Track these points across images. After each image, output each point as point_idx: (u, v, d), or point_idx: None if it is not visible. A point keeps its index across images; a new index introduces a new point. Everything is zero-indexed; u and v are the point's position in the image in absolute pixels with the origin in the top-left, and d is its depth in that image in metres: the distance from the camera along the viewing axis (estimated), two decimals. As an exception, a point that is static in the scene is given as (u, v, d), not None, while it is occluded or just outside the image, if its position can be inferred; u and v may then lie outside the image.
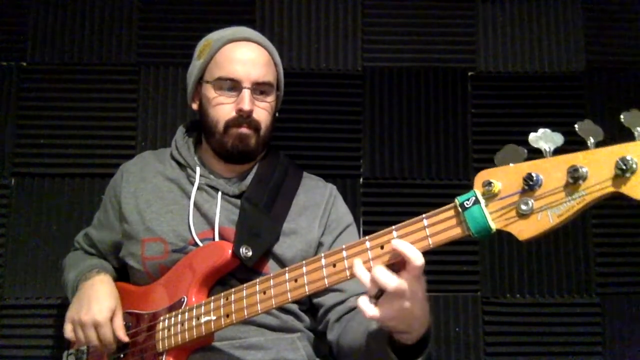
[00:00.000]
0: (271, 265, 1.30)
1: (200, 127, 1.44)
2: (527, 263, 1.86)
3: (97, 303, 1.26)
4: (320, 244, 1.38)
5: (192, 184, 1.36)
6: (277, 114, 1.45)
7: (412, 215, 1.94)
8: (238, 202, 1.34)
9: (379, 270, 0.92)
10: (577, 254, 1.87)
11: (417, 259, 0.91)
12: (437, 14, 1.98)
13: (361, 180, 1.90)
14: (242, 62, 1.32)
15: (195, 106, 1.43)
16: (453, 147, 1.91)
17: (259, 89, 1.34)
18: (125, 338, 1.25)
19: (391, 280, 0.91)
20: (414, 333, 0.98)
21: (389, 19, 1.97)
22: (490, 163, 2.03)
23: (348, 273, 1.00)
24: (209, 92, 1.34)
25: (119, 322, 1.26)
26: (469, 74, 1.95)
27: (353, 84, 1.93)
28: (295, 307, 1.32)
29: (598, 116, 1.93)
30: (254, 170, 1.39)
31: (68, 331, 1.28)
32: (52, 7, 1.92)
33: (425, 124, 1.93)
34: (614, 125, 2.11)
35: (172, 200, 1.35)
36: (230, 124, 1.32)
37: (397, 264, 0.95)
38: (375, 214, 1.87)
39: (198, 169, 1.37)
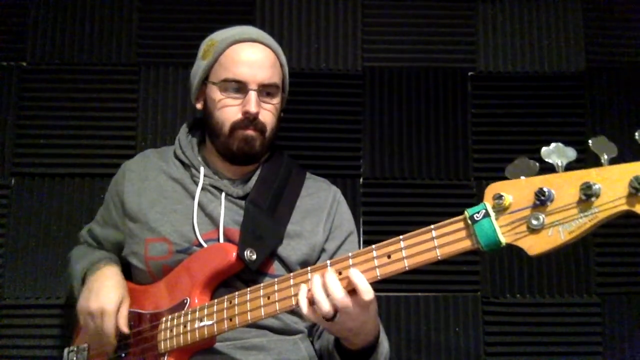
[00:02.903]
0: (276, 267, 1.30)
1: (203, 126, 1.43)
2: (527, 263, 1.86)
3: (106, 292, 1.26)
4: (322, 250, 1.38)
5: (196, 184, 1.35)
6: (282, 114, 1.44)
7: (412, 215, 1.95)
8: (242, 203, 1.34)
9: (333, 283, 0.98)
10: (577, 254, 1.86)
11: (367, 294, 0.98)
12: (437, 14, 1.98)
13: (361, 180, 1.90)
14: (248, 64, 1.31)
15: (199, 106, 1.42)
16: (453, 147, 1.91)
17: (265, 90, 1.33)
18: (125, 329, 1.25)
19: (339, 293, 0.98)
20: (356, 341, 1.11)
21: (389, 19, 1.97)
22: (490, 163, 2.04)
23: None
24: (215, 93, 1.33)
25: (124, 312, 1.27)
26: (469, 74, 1.95)
27: (353, 84, 1.93)
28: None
29: (598, 116, 1.93)
30: (258, 172, 1.39)
31: (81, 320, 1.29)
32: (52, 7, 1.92)
33: (425, 124, 1.93)
34: (614, 125, 2.12)
35: (176, 200, 1.35)
36: (236, 126, 1.31)
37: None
38: (375, 214, 1.87)
39: (202, 169, 1.37)
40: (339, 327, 1.05)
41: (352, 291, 1.00)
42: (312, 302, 1.00)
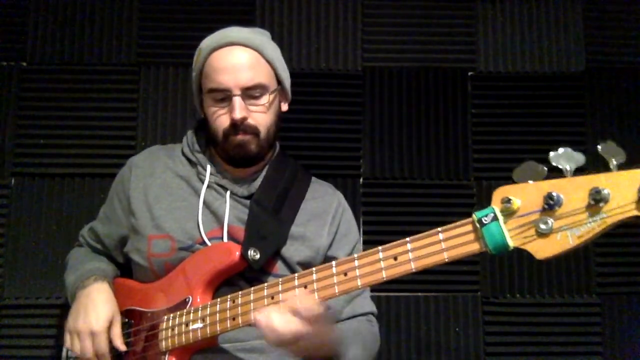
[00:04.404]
0: (279, 266, 1.31)
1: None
2: (527, 263, 1.86)
3: (94, 312, 1.25)
4: (334, 259, 1.37)
5: (202, 182, 1.36)
6: (282, 107, 1.43)
7: (412, 215, 1.95)
8: (246, 202, 1.34)
9: (275, 317, 1.02)
10: (577, 254, 1.86)
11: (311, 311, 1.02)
12: (437, 14, 1.98)
13: (361, 180, 1.90)
14: (227, 71, 1.30)
15: (202, 114, 1.43)
16: (453, 147, 1.91)
17: (250, 93, 1.31)
18: (122, 347, 1.25)
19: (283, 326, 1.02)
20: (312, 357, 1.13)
21: (389, 19, 1.97)
22: (490, 163, 2.04)
23: (359, 282, 1.01)
24: (206, 103, 1.35)
25: (117, 331, 1.25)
26: (469, 74, 1.95)
27: (353, 84, 1.93)
28: None
29: (598, 116, 1.93)
30: (263, 173, 1.39)
31: (68, 341, 1.27)
32: (52, 7, 1.92)
33: (425, 124, 1.93)
34: (614, 125, 2.12)
35: (181, 197, 1.35)
36: (227, 134, 1.32)
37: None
38: (375, 214, 1.87)
39: (209, 167, 1.37)
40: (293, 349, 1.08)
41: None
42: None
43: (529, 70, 1.95)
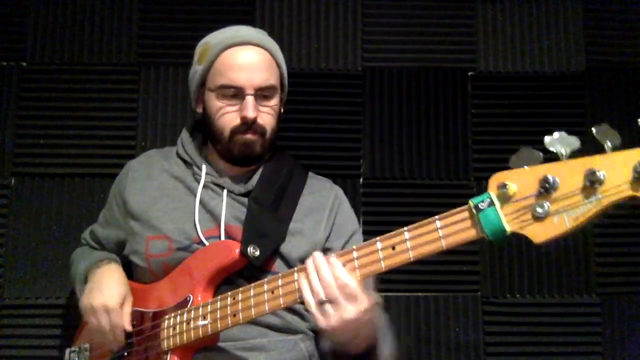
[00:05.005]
0: (278, 264, 1.31)
1: (204, 127, 1.43)
2: (527, 263, 1.86)
3: (108, 289, 1.28)
4: (329, 249, 1.37)
5: (198, 182, 1.36)
6: (282, 110, 1.44)
7: (412, 215, 1.93)
8: (243, 200, 1.35)
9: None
10: (577, 254, 1.86)
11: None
12: (437, 14, 1.98)
13: (361, 180, 1.90)
14: (243, 69, 1.31)
15: (199, 110, 1.42)
16: (453, 147, 1.91)
17: (262, 93, 1.32)
18: (129, 327, 1.26)
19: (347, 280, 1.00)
20: (352, 346, 1.11)
21: (389, 19, 1.97)
22: (490, 163, 2.04)
23: (358, 274, 1.01)
24: (212, 100, 1.34)
25: (127, 309, 1.28)
26: (469, 74, 1.95)
27: (353, 84, 1.93)
28: (300, 307, 1.32)
29: (598, 116, 1.93)
30: (260, 171, 1.40)
31: (85, 318, 1.30)
32: (52, 7, 1.92)
33: (425, 124, 1.93)
34: (613, 125, 2.11)
35: (178, 197, 1.36)
36: (235, 131, 1.32)
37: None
38: (375, 214, 1.87)
39: (204, 167, 1.38)
40: (335, 331, 1.04)
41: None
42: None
43: (529, 70, 1.95)
